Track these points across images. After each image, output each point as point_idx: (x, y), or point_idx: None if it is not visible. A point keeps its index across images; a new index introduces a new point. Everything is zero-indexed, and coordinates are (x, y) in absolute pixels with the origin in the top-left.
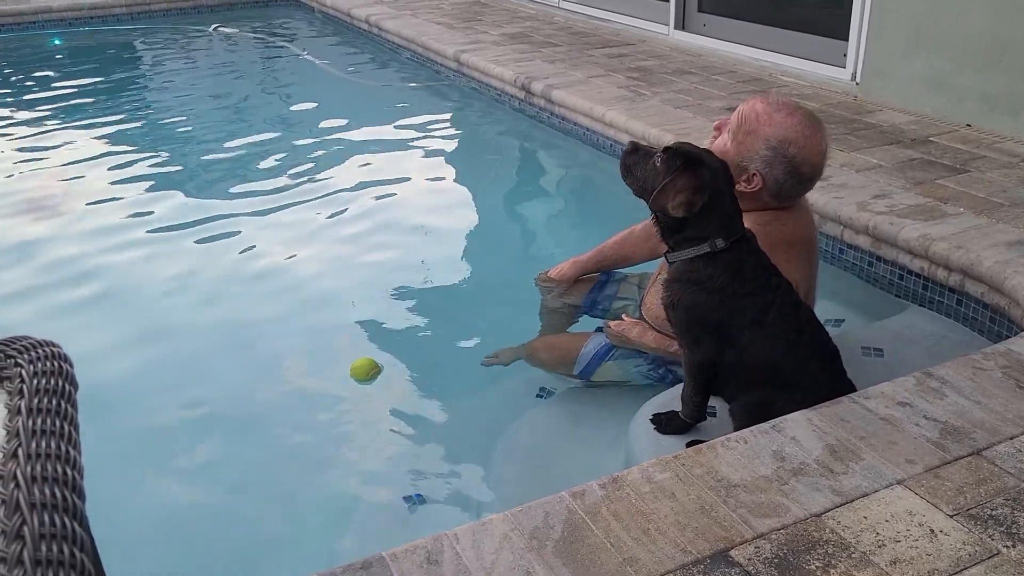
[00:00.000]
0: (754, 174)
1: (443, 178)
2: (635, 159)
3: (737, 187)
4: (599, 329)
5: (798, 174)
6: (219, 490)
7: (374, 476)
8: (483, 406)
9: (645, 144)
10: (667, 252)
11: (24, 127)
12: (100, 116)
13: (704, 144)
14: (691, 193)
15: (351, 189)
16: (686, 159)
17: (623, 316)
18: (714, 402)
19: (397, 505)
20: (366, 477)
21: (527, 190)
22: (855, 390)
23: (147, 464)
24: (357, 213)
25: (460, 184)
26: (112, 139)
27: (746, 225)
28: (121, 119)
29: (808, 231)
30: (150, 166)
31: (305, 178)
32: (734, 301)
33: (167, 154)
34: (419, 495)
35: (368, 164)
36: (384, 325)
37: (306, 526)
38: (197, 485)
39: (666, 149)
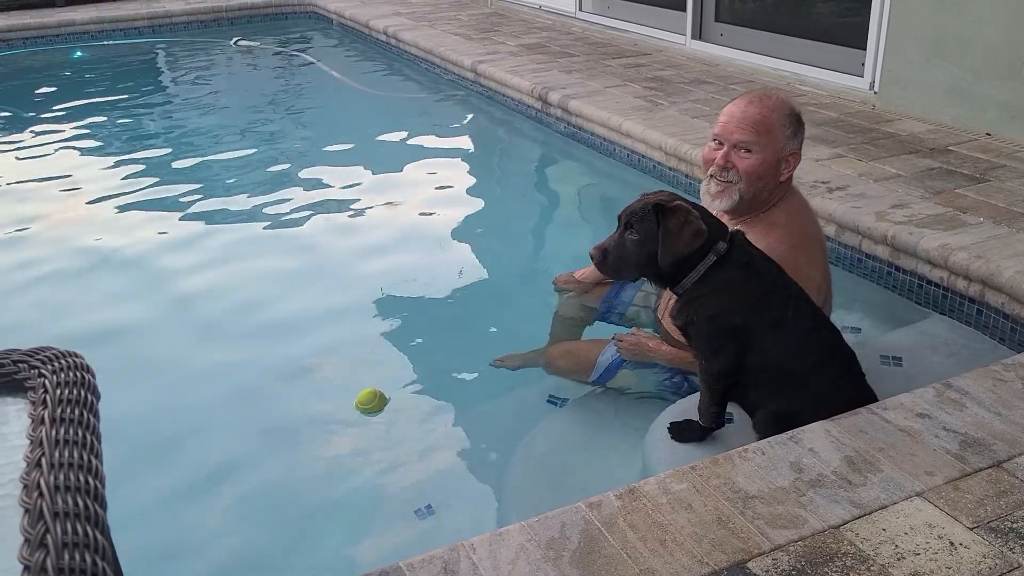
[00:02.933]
0: (791, 154)
1: (460, 188)
2: (614, 254)
3: (780, 178)
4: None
5: (803, 122)
6: (236, 501)
7: (390, 486)
8: (498, 415)
9: (598, 244)
10: (673, 287)
11: (47, 139)
12: (122, 128)
13: (715, 184)
14: (691, 223)
15: (368, 199)
16: (654, 206)
17: (633, 329)
18: (731, 408)
19: (413, 515)
20: (382, 487)
21: (543, 200)
22: (875, 395)
23: (167, 475)
24: (374, 223)
25: (477, 193)
26: (134, 151)
27: (761, 230)
28: (143, 131)
29: (818, 228)
30: (170, 178)
31: (322, 189)
32: (755, 301)
33: (187, 166)
34: (428, 506)
35: (385, 174)
36: (399, 333)
37: (323, 536)
38: (214, 497)
39: (628, 221)
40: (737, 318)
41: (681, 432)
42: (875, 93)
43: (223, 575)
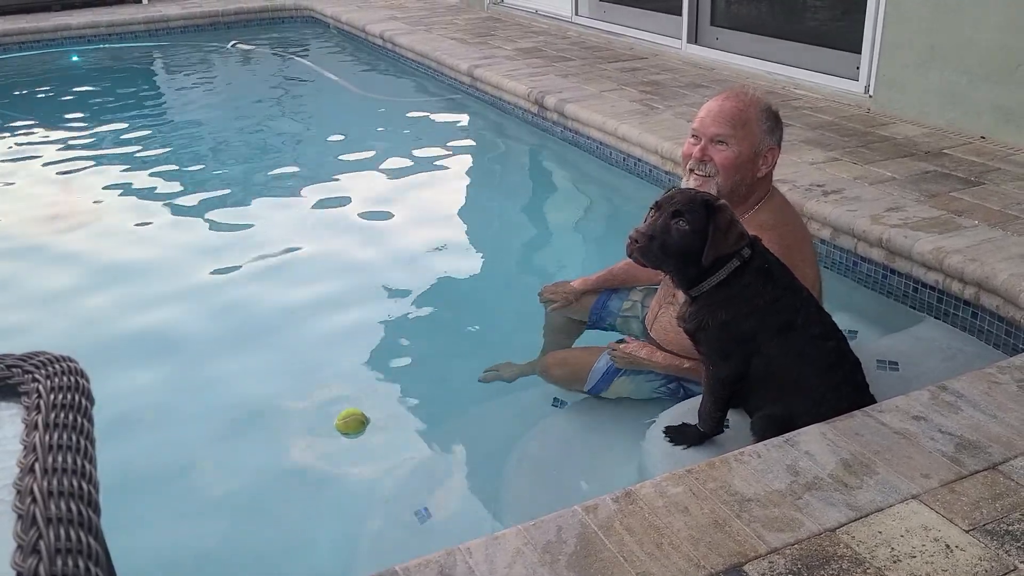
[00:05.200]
0: (770, 148)
1: (456, 191)
2: (659, 240)
3: (758, 174)
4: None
5: (781, 120)
6: (231, 506)
7: (387, 490)
8: (495, 418)
9: (640, 227)
10: (690, 288)
11: (43, 143)
12: (118, 132)
13: (693, 179)
14: (737, 224)
15: (363, 203)
16: (704, 203)
17: (627, 338)
18: (729, 414)
19: (410, 519)
20: (379, 491)
21: (539, 204)
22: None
23: (161, 478)
24: (369, 226)
25: (473, 198)
26: (130, 155)
27: (752, 231)
28: (139, 135)
29: (805, 227)
30: (166, 182)
31: (318, 193)
32: (767, 306)
33: (182, 170)
34: (426, 509)
35: (381, 179)
36: (394, 338)
37: (319, 541)
38: (209, 501)
39: (677, 210)
40: (749, 325)
41: (678, 436)
42: (870, 97)
43: None
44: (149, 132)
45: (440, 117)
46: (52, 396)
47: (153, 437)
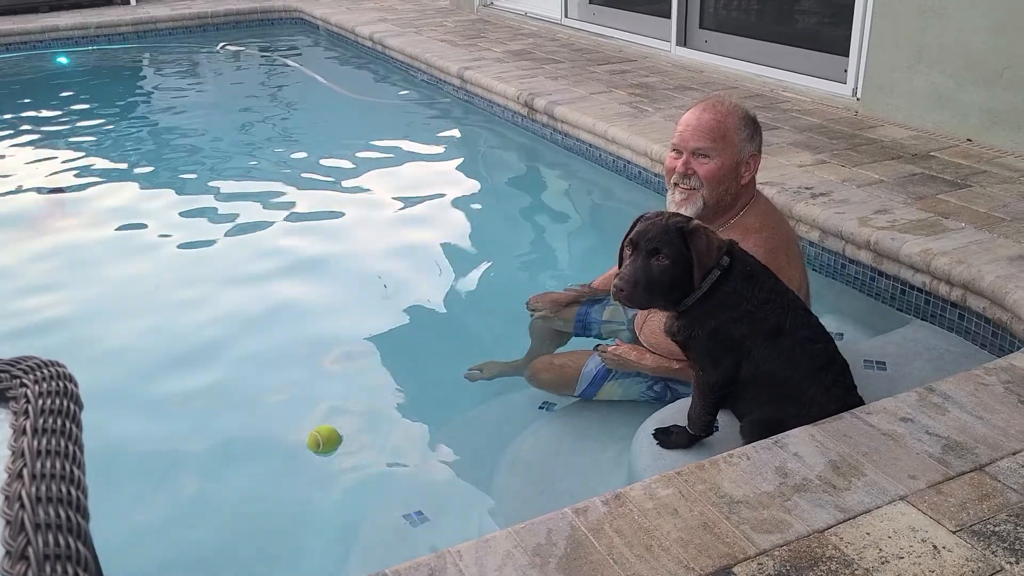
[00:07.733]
0: (751, 155)
1: (445, 193)
2: (643, 283)
3: (742, 181)
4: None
5: (759, 125)
6: (222, 508)
7: (377, 493)
8: (486, 421)
9: (622, 274)
10: (676, 307)
11: (30, 146)
12: (106, 134)
13: (679, 192)
14: (714, 239)
15: (352, 204)
16: (679, 231)
17: (616, 341)
18: (719, 416)
19: (400, 522)
20: (369, 494)
21: (529, 206)
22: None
23: (150, 483)
24: (359, 229)
25: (462, 199)
26: (117, 157)
27: (737, 236)
28: (127, 137)
29: (790, 228)
30: (154, 185)
31: (307, 196)
32: (754, 311)
33: (171, 172)
34: (419, 512)
35: (371, 180)
36: (385, 341)
37: (309, 544)
38: (200, 505)
39: (654, 248)
40: (738, 330)
41: (667, 438)
42: (858, 99)
43: None
44: (137, 134)
45: (430, 119)
46: (40, 401)
47: (143, 441)
